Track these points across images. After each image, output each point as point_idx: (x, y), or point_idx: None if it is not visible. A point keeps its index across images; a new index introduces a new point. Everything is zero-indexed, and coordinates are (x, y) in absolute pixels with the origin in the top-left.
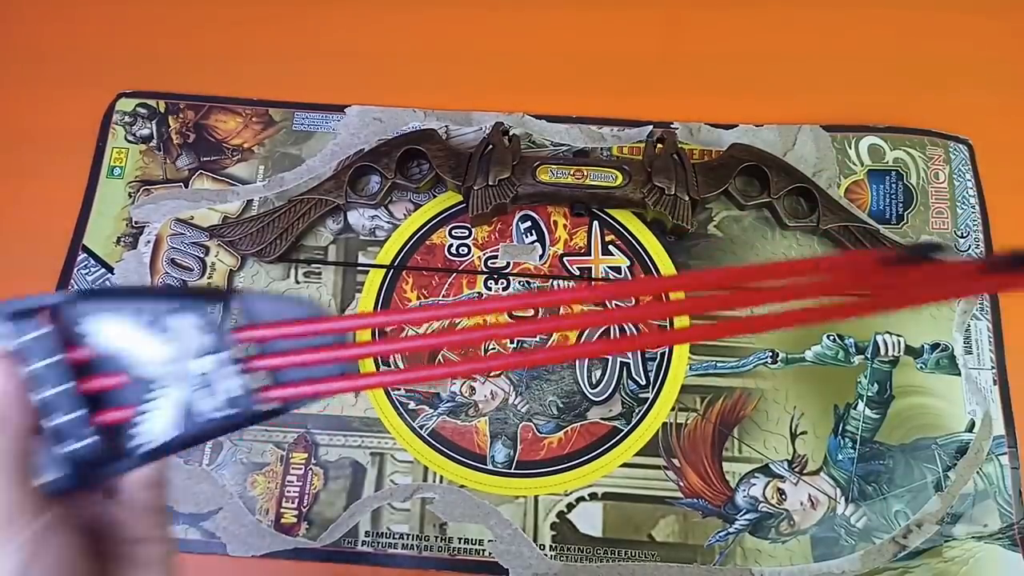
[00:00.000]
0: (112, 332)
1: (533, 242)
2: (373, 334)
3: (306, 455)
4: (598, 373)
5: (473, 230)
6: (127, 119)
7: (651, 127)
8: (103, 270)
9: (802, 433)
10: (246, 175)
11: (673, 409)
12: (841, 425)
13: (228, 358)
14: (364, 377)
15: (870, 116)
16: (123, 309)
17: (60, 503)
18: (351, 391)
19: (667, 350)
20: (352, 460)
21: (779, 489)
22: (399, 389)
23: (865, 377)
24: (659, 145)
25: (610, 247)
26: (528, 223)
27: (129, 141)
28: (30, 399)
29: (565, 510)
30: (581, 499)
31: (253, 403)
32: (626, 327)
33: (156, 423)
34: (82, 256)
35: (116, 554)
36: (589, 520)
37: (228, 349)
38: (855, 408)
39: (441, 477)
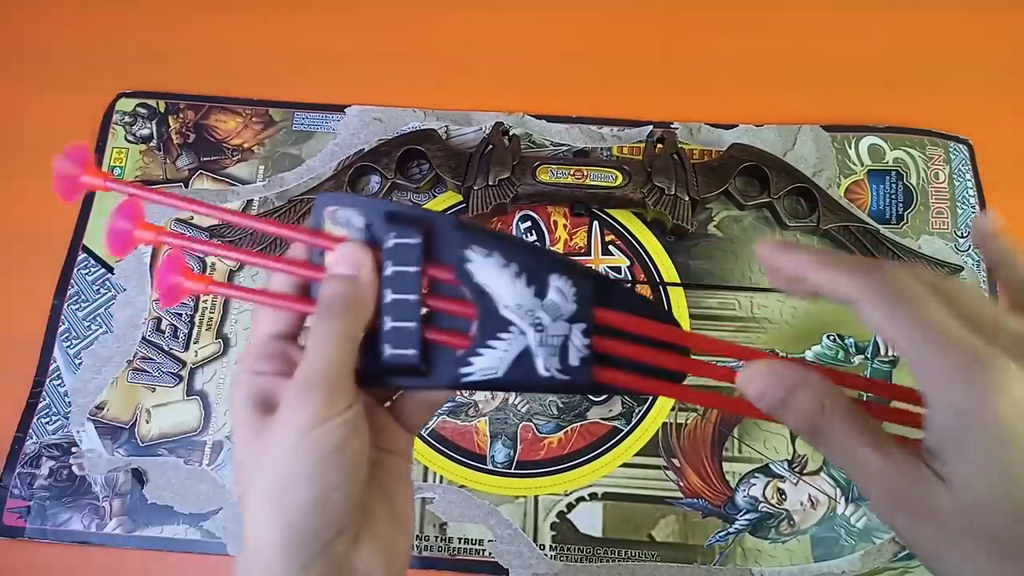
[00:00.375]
0: (483, 267)
1: (533, 242)
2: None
3: None
4: None
5: None
6: (127, 119)
7: (651, 127)
8: (103, 270)
9: None
10: (246, 175)
11: (673, 409)
12: None
13: (584, 329)
14: (684, 390)
15: (870, 116)
16: (503, 252)
17: (363, 398)
18: (672, 397)
19: None
20: None
21: (779, 489)
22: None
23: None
24: (659, 145)
25: (610, 247)
26: (528, 223)
27: (129, 141)
28: (380, 296)
29: (565, 510)
30: (581, 499)
31: (588, 376)
32: None
33: (492, 360)
34: (82, 256)
35: (376, 460)
36: (589, 520)
37: (586, 322)
38: None
39: (441, 477)
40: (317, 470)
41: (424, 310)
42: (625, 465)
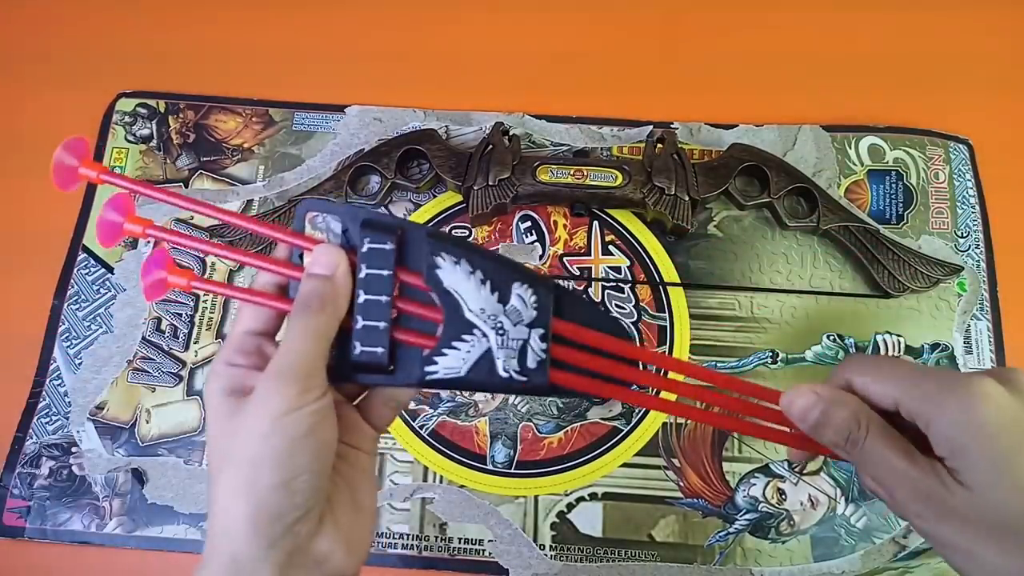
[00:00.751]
0: (451, 273)
1: (533, 242)
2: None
3: None
4: None
5: (473, 230)
6: (127, 119)
7: (651, 127)
8: (103, 270)
9: None
10: (246, 175)
11: None
12: None
13: (542, 334)
14: (636, 395)
15: (870, 116)
16: (470, 260)
17: (332, 393)
18: (622, 400)
19: (666, 349)
20: None
21: (779, 489)
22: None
23: None
24: (659, 145)
25: (610, 247)
26: (528, 223)
27: (129, 141)
28: (354, 296)
29: (565, 510)
30: (581, 499)
31: (544, 378)
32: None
33: (455, 360)
34: (82, 256)
35: (342, 455)
36: (589, 520)
37: (544, 327)
38: None
39: (441, 477)
40: (286, 454)
41: (393, 313)
42: (625, 465)
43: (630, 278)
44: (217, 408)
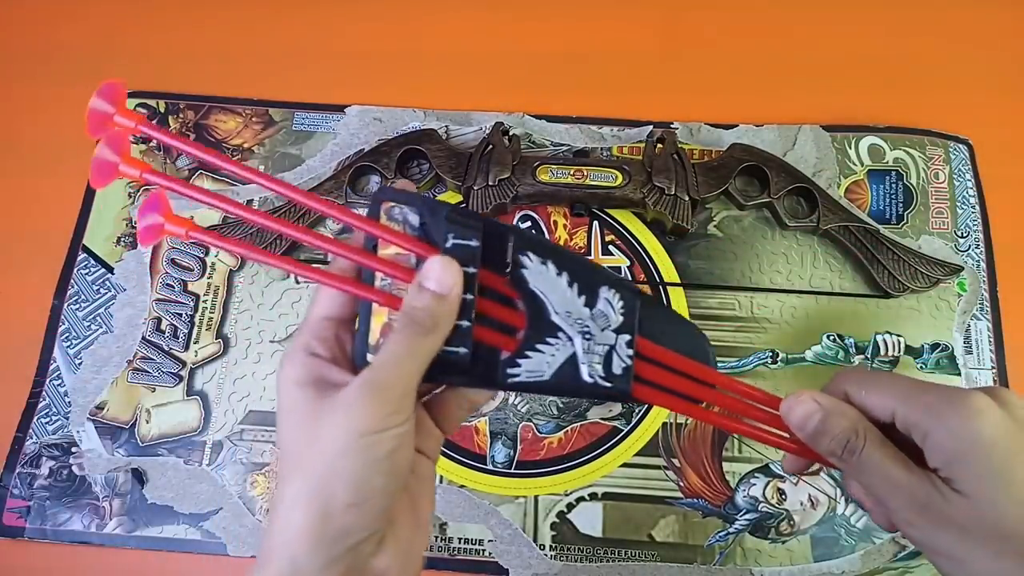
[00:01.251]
0: (538, 274)
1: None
2: None
3: None
4: None
5: None
6: None
7: (651, 127)
8: (103, 270)
9: None
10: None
11: None
12: None
13: (628, 341)
14: (707, 413)
15: (870, 116)
16: (557, 261)
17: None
18: (696, 418)
19: None
20: None
21: (779, 489)
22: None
23: None
24: (659, 145)
25: (610, 247)
26: (528, 223)
27: (129, 141)
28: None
29: (565, 510)
30: (581, 499)
31: (628, 385)
32: None
33: (539, 364)
34: (82, 256)
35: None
36: (589, 520)
37: (631, 334)
38: None
39: (441, 477)
40: (363, 474)
41: (479, 312)
42: (625, 465)
43: (630, 278)
44: (295, 399)
